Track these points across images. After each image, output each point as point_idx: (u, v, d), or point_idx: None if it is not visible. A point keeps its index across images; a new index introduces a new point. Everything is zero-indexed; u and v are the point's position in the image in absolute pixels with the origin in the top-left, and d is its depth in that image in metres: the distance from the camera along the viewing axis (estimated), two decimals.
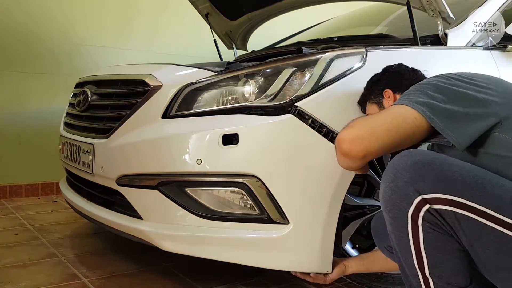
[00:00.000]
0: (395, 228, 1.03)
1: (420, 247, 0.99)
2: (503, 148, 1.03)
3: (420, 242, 0.99)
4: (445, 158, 1.01)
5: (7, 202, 2.92)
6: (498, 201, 0.94)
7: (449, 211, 0.95)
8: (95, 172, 1.74)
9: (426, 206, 0.96)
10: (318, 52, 1.57)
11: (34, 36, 3.12)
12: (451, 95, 1.06)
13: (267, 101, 1.48)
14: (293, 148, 1.43)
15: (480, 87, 1.08)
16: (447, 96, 1.06)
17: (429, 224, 0.98)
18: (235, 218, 1.49)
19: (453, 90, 1.07)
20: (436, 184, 0.95)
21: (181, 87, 1.57)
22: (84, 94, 1.93)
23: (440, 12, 1.68)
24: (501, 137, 1.03)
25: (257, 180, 1.42)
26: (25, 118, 3.10)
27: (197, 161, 1.46)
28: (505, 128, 1.03)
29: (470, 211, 0.94)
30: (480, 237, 0.95)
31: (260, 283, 1.68)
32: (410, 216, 0.98)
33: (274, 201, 1.42)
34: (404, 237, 1.01)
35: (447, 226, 0.97)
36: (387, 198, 1.02)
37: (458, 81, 1.10)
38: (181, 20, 3.64)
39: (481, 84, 1.09)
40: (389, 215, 1.03)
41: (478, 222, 0.94)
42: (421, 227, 0.98)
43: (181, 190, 1.52)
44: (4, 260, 1.84)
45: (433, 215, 0.96)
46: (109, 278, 1.69)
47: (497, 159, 1.03)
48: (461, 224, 0.95)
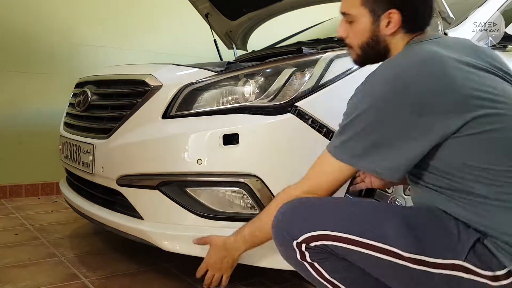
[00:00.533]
0: (306, 275, 1.08)
1: (328, 278, 1.03)
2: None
3: (325, 275, 1.03)
4: (306, 202, 1.06)
5: (7, 202, 2.92)
6: (358, 225, 0.98)
7: (322, 244, 1.00)
8: (96, 172, 1.74)
9: (303, 246, 1.01)
10: (318, 52, 1.57)
11: (34, 36, 3.11)
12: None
13: (267, 101, 1.48)
14: (293, 148, 1.43)
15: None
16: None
17: (319, 257, 1.02)
18: (236, 218, 1.49)
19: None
20: (302, 225, 1.01)
21: (181, 87, 1.57)
22: (84, 94, 1.93)
23: (440, 12, 1.68)
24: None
25: (257, 180, 1.43)
26: (25, 118, 3.10)
27: (197, 161, 1.46)
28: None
29: (336, 241, 0.98)
30: (359, 262, 0.99)
31: (260, 283, 1.67)
32: (300, 259, 1.04)
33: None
34: (314, 278, 1.05)
35: (333, 252, 1.01)
36: (281, 253, 1.09)
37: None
38: (181, 20, 3.64)
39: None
40: (294, 267, 1.09)
41: (348, 249, 0.98)
42: (316, 263, 1.03)
43: (181, 190, 1.52)
44: (4, 260, 1.84)
45: (314, 249, 1.01)
46: (109, 278, 1.68)
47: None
48: (339, 251, 1.00)
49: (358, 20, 1.10)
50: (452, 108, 0.94)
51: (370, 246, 0.96)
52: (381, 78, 0.99)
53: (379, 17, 1.07)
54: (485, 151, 0.94)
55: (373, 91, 0.99)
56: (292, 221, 1.03)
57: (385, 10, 1.06)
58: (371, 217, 1.00)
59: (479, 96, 0.94)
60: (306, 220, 1.02)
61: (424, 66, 0.97)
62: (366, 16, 1.09)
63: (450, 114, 0.93)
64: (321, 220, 1.01)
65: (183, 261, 1.84)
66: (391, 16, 1.06)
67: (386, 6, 1.06)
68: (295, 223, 1.02)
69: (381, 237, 0.96)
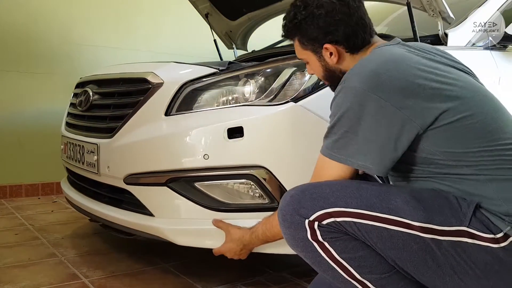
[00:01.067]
0: (312, 258, 1.08)
1: (337, 259, 1.05)
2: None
3: (334, 255, 1.05)
4: (315, 184, 1.09)
5: (7, 202, 2.92)
6: (368, 200, 1.02)
7: (334, 221, 1.02)
8: (101, 172, 1.74)
9: (316, 224, 1.03)
10: None
11: (34, 36, 3.12)
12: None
13: (267, 101, 1.49)
14: (298, 136, 1.45)
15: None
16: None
17: (330, 236, 1.04)
18: (246, 209, 1.51)
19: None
20: (313, 204, 1.04)
21: (181, 84, 1.57)
22: (86, 94, 1.93)
23: (440, 12, 1.69)
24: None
25: (264, 170, 1.45)
26: (25, 118, 3.10)
27: (204, 156, 1.47)
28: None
29: (348, 216, 1.02)
30: (370, 236, 1.02)
31: (260, 283, 1.68)
32: (311, 239, 1.05)
33: (284, 189, 1.44)
34: (322, 260, 1.06)
35: (344, 231, 1.03)
36: (288, 237, 1.09)
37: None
38: (181, 20, 3.64)
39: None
40: (301, 252, 1.10)
41: (360, 224, 1.01)
42: (326, 242, 1.04)
43: (190, 185, 1.53)
44: (4, 260, 1.84)
45: (326, 228, 1.03)
46: (109, 278, 1.69)
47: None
48: (350, 228, 1.02)
49: (310, 61, 1.25)
50: (425, 101, 1.01)
51: (381, 219, 1.01)
52: (358, 75, 1.06)
53: (321, 53, 1.20)
54: (460, 137, 1.02)
55: (353, 89, 1.05)
56: (302, 201, 1.05)
57: (321, 46, 1.18)
58: (379, 193, 1.04)
59: (446, 88, 1.03)
60: (317, 199, 1.04)
61: (395, 63, 1.05)
62: (311, 56, 1.23)
63: (425, 107, 1.01)
64: (332, 199, 1.04)
65: (183, 261, 1.84)
66: (328, 48, 1.18)
67: (320, 43, 1.18)
68: (306, 203, 1.05)
69: (391, 210, 1.01)
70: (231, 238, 1.46)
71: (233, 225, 1.47)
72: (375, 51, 1.14)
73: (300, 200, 1.06)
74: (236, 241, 1.45)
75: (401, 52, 1.09)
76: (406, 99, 1.01)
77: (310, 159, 1.17)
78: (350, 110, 1.04)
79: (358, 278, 1.05)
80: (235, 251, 1.47)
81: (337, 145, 1.07)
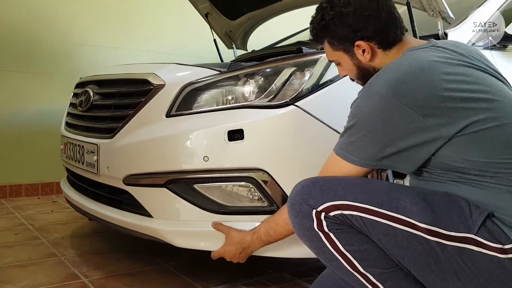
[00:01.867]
0: (317, 248, 1.08)
1: (341, 250, 1.05)
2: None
3: (339, 246, 1.05)
4: (327, 177, 1.11)
5: (7, 202, 2.93)
6: (377, 197, 1.03)
7: (340, 214, 1.03)
8: (101, 172, 1.74)
9: (323, 215, 1.04)
10: (318, 51, 1.57)
11: (34, 36, 3.12)
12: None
13: (267, 100, 1.49)
14: (298, 139, 1.44)
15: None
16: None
17: (336, 228, 1.05)
18: (245, 211, 1.51)
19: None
20: (322, 196, 1.05)
21: (182, 86, 1.57)
22: (86, 94, 1.93)
23: (440, 12, 1.69)
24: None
25: (264, 173, 1.44)
26: (25, 118, 3.10)
27: (204, 158, 1.47)
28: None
29: (355, 210, 1.03)
30: (375, 232, 1.03)
31: (260, 283, 1.68)
32: (317, 229, 1.05)
33: (283, 192, 1.44)
34: (326, 251, 1.07)
35: (350, 224, 1.04)
36: (296, 226, 1.10)
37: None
38: (181, 20, 3.64)
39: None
40: (307, 242, 1.10)
41: (366, 219, 1.02)
42: (331, 233, 1.05)
43: (189, 187, 1.53)
44: (4, 260, 1.84)
45: (333, 219, 1.04)
46: (109, 277, 1.69)
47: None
48: (356, 222, 1.03)
49: (342, 62, 1.23)
50: (452, 112, 1.00)
51: (388, 216, 1.01)
52: (385, 81, 1.04)
53: (353, 52, 1.18)
54: (485, 147, 1.01)
55: (378, 94, 1.03)
56: (311, 192, 1.06)
57: (353, 45, 1.16)
58: (388, 191, 1.04)
59: (475, 98, 1.01)
60: (327, 191, 1.05)
61: (422, 73, 1.02)
62: (343, 56, 1.21)
63: (450, 117, 1.00)
64: (341, 192, 1.04)
65: (183, 261, 1.84)
66: (360, 46, 1.15)
67: (351, 41, 1.16)
68: (316, 194, 1.06)
69: (399, 208, 1.01)
70: (231, 241, 1.46)
71: (233, 228, 1.47)
72: (407, 55, 1.11)
73: (311, 191, 1.06)
74: (236, 244, 1.45)
75: (432, 60, 1.05)
76: (431, 109, 0.99)
77: (309, 162, 1.17)
78: (371, 115, 1.04)
79: (361, 271, 1.05)
80: (234, 254, 1.47)
81: (351, 147, 1.07)
